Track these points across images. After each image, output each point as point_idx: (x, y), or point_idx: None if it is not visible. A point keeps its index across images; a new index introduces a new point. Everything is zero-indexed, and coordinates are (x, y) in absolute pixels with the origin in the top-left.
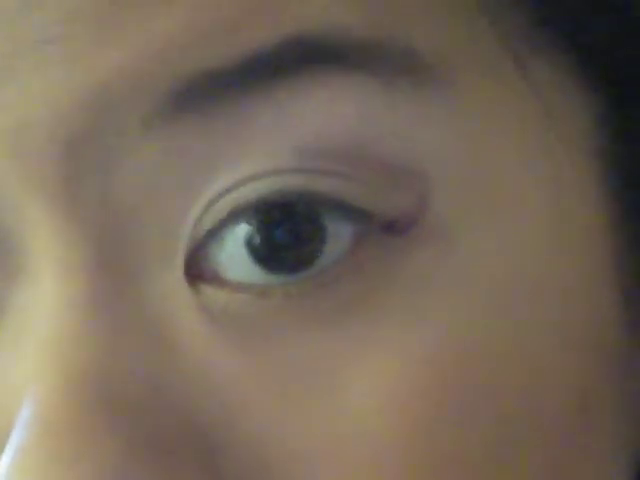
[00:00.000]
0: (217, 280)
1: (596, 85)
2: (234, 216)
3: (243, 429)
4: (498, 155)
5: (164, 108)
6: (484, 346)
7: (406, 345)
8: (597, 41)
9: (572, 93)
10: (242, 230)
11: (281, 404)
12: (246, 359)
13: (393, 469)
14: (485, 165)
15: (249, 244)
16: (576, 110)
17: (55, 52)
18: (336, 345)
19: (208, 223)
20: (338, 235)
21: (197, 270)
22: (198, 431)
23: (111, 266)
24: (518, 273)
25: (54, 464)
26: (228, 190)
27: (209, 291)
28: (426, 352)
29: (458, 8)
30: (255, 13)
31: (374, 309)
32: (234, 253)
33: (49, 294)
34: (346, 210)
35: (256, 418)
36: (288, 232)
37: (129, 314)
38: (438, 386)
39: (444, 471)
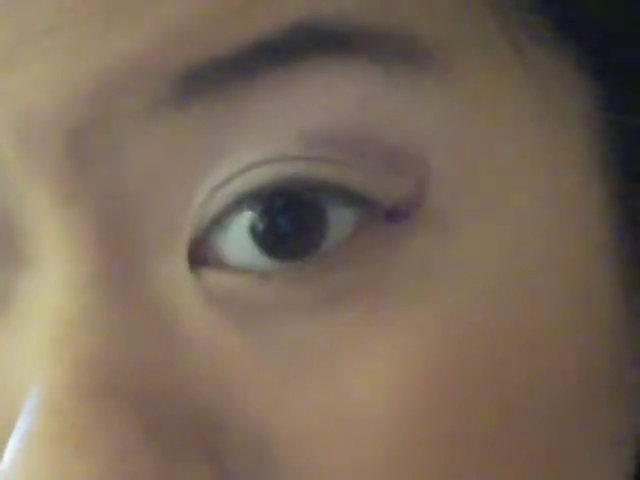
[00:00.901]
0: (220, 265)
1: (594, 71)
2: (237, 203)
3: (243, 411)
4: (497, 141)
5: (169, 95)
6: (484, 330)
7: (406, 330)
8: (596, 27)
9: (571, 80)
10: (245, 217)
11: (281, 387)
12: (248, 343)
13: (391, 453)
14: (484, 151)
15: (252, 230)
16: (575, 96)
17: (60, 39)
18: (337, 329)
19: (212, 210)
20: (340, 221)
21: (200, 256)
22: (200, 414)
23: (115, 252)
24: (518, 258)
25: (61, 449)
26: (231, 177)
27: (212, 276)
28: (426, 337)
29: None
30: (259, 0)
31: (375, 294)
32: (237, 239)
33: (53, 280)
34: (348, 196)
35: (256, 401)
36: (291, 218)
37: (133, 300)
38: (438, 370)
39: (443, 455)
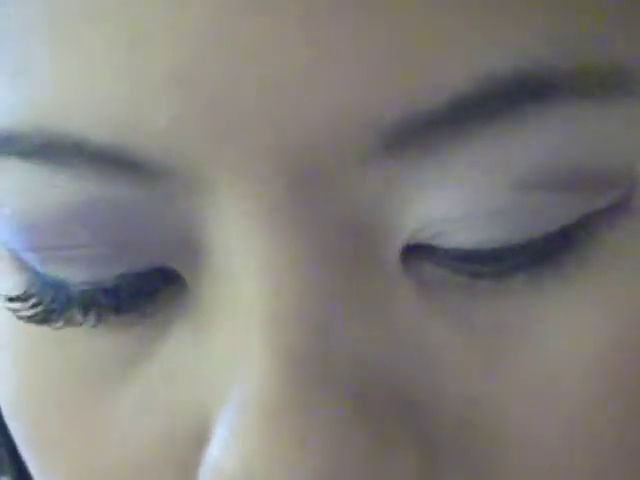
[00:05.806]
0: (434, 258)
1: None
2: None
3: (450, 392)
4: None
5: (378, 145)
6: None
7: (610, 306)
8: None
9: None
10: None
11: (488, 365)
12: (455, 326)
13: (599, 410)
14: None
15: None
16: None
17: (275, 93)
18: (539, 305)
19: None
20: None
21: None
22: (410, 400)
23: (326, 260)
24: None
25: (281, 445)
26: (434, 223)
27: (426, 267)
28: (628, 313)
29: None
30: (464, 53)
31: (582, 274)
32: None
33: (257, 286)
34: None
35: (463, 380)
36: None
37: (340, 292)
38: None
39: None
